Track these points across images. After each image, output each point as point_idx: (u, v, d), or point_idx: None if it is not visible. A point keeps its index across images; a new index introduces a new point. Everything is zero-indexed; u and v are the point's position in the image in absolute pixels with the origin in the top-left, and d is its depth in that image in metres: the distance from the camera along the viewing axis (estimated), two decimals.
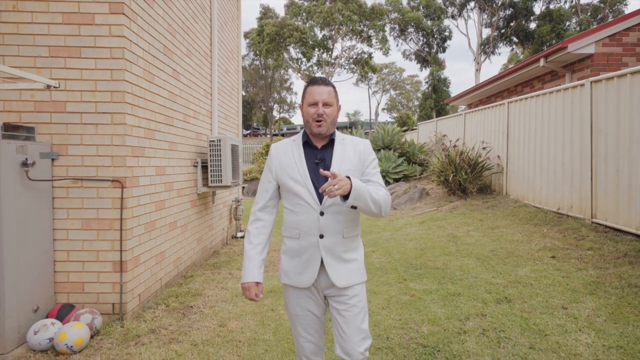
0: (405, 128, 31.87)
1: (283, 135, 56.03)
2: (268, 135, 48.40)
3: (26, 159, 2.99)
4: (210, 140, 5.17)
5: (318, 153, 1.90)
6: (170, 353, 2.90)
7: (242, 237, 7.16)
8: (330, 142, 1.91)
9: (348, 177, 1.67)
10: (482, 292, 3.72)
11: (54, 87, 2.87)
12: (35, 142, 3.11)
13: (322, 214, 1.82)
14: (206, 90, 5.66)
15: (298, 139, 1.94)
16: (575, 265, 4.12)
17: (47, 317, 3.15)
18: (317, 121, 1.82)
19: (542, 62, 7.99)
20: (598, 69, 7.29)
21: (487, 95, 12.00)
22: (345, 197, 1.66)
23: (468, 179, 8.10)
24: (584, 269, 3.99)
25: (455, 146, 8.71)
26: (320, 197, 1.82)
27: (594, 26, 30.24)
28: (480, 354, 2.67)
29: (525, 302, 3.40)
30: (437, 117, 33.99)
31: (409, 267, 4.75)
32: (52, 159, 3.28)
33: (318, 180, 1.84)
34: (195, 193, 5.17)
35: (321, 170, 1.67)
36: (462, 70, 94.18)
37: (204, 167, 5.37)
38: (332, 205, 1.82)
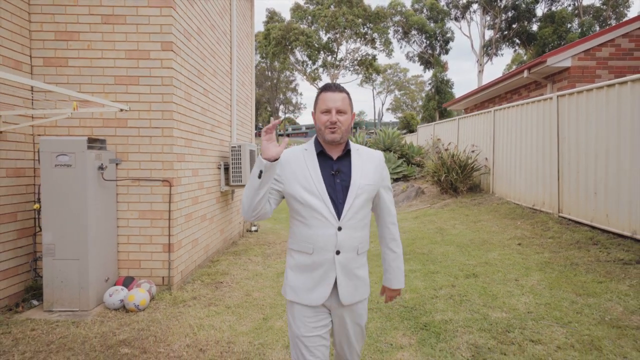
0: (405, 131, 32.63)
1: (288, 135, 56.97)
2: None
3: (102, 164, 3.92)
4: (232, 146, 6.10)
5: (334, 164, 1.80)
6: (211, 312, 3.82)
7: (256, 230, 8.08)
8: (347, 153, 1.83)
9: (393, 289, 1.96)
10: (456, 270, 4.61)
11: (125, 110, 3.79)
12: (106, 151, 4.04)
13: (340, 229, 1.74)
14: (227, 103, 6.58)
15: (311, 147, 1.84)
16: (535, 250, 5.01)
17: (114, 285, 4.08)
18: (331, 129, 1.74)
19: (525, 74, 8.85)
20: (574, 80, 8.13)
21: (481, 100, 12.85)
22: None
23: (459, 179, 8.97)
24: (541, 253, 4.88)
25: (447, 149, 9.59)
26: (339, 211, 1.75)
27: (595, 29, 30.70)
28: (446, 310, 3.57)
29: (487, 277, 4.30)
30: (440, 118, 34.78)
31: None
32: (117, 164, 4.21)
33: (335, 192, 1.76)
34: (219, 191, 6.09)
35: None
36: (466, 69, 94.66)
37: (226, 169, 6.30)
38: (351, 220, 1.76)
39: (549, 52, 8.32)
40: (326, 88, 1.80)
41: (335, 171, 1.79)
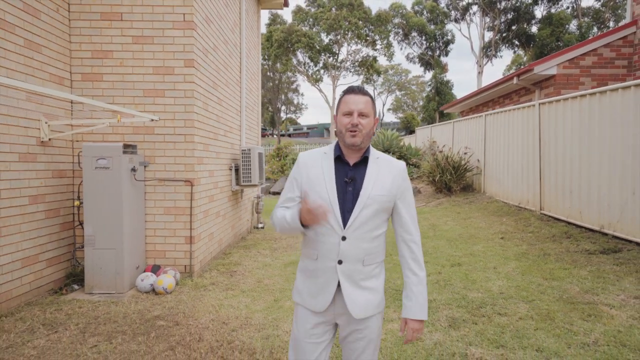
0: (404, 132, 33.17)
1: (290, 135, 57.55)
2: (275, 136, 49.91)
3: (134, 166, 4.52)
4: (242, 150, 6.70)
5: (349, 171, 1.76)
6: (229, 295, 4.41)
7: (262, 227, 8.68)
8: (364, 160, 1.78)
9: (415, 320, 1.75)
10: (443, 260, 5.20)
11: (155, 120, 4.39)
12: (137, 155, 4.64)
13: (344, 238, 1.71)
14: (237, 109, 7.18)
15: (330, 152, 1.81)
16: (515, 243, 5.60)
17: (144, 272, 4.67)
18: (352, 132, 1.70)
19: (515, 80, 9.43)
20: (560, 87, 8.71)
21: (476, 104, 13.43)
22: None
23: (452, 179, 9.56)
24: (520, 245, 5.47)
25: (441, 151, 10.18)
26: (345, 219, 1.71)
27: (594, 31, 31.09)
28: (431, 292, 4.15)
29: (470, 266, 4.89)
30: (440, 119, 35.36)
31: (395, 246, 6.25)
32: (145, 166, 4.81)
33: (345, 201, 1.73)
34: (230, 190, 6.69)
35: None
36: (468, 69, 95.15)
37: (236, 170, 6.89)
38: (357, 230, 1.72)
39: (537, 60, 8.89)
40: (350, 90, 1.77)
41: (349, 179, 1.75)
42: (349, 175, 1.75)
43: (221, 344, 3.20)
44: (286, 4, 9.61)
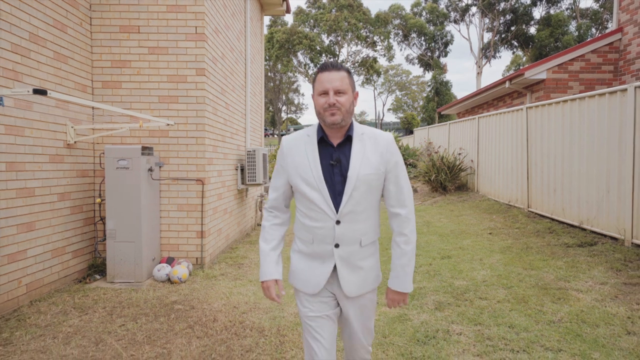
0: (402, 134, 33.59)
1: None
2: (275, 136, 50.34)
3: (150, 166, 4.95)
4: (248, 151, 7.13)
5: (334, 152, 1.72)
6: (237, 284, 4.84)
7: None
8: (348, 139, 1.73)
9: (394, 291, 1.80)
10: (434, 253, 5.63)
11: (170, 124, 4.82)
12: (153, 156, 5.07)
13: (338, 222, 1.70)
14: (242, 112, 7.60)
15: (313, 134, 1.76)
16: (502, 238, 6.02)
17: (159, 263, 5.10)
18: (330, 111, 1.65)
19: (507, 84, 9.85)
20: (549, 91, 9.13)
21: (471, 106, 13.85)
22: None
23: (447, 179, 9.99)
24: (505, 240, 5.90)
25: (436, 152, 10.61)
26: (337, 203, 1.69)
27: (593, 32, 31.38)
28: (422, 281, 4.58)
29: (459, 258, 5.31)
30: (439, 119, 35.78)
31: (390, 241, 6.68)
32: (160, 167, 5.24)
33: (334, 185, 1.70)
34: (236, 189, 7.11)
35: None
36: (468, 68, 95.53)
37: (241, 170, 7.32)
38: (350, 213, 1.70)
39: (534, 62, 9.31)
40: (323, 68, 1.69)
41: (335, 160, 1.71)
42: (334, 157, 1.72)
43: (233, 323, 3.63)
44: (288, 11, 10.03)
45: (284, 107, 55.03)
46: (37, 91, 2.88)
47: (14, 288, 3.91)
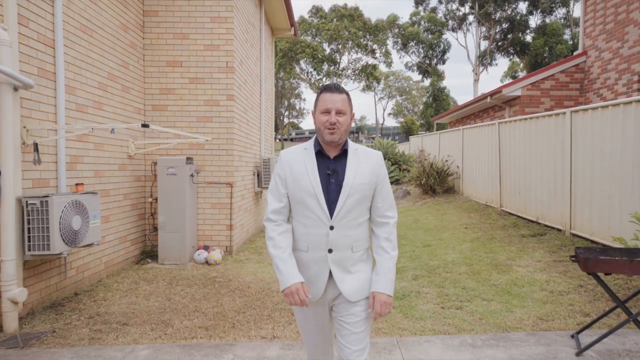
0: (397, 141, 34.92)
1: (292, 140, 59.40)
2: (278, 140, 51.66)
3: (192, 173, 6.26)
4: (263, 159, 8.46)
5: (330, 164, 1.88)
6: (261, 266, 6.14)
7: None
8: (344, 153, 1.89)
9: (382, 293, 1.84)
10: (418, 243, 6.94)
11: (208, 140, 6.14)
12: (193, 165, 6.39)
13: (332, 228, 1.82)
14: (257, 126, 8.93)
15: (310, 147, 1.91)
16: (474, 231, 7.33)
17: (198, 249, 6.41)
18: (330, 129, 1.81)
19: (489, 99, 11.18)
20: (524, 105, 10.45)
21: (460, 116, 15.18)
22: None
23: (436, 183, 11.30)
24: (477, 232, 7.21)
25: (426, 159, 11.94)
26: (331, 210, 1.82)
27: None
28: (405, 262, 5.87)
29: (437, 246, 6.61)
30: (437, 126, 37.08)
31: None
32: (198, 173, 6.56)
33: (329, 193, 1.84)
34: (253, 191, 8.43)
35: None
36: (466, 72, 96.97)
37: (257, 175, 8.64)
38: (343, 219, 1.83)
39: (505, 84, 10.63)
40: (326, 89, 1.86)
41: (332, 170, 1.85)
42: (331, 168, 1.87)
43: (263, 289, 4.93)
44: (295, 34, 11.38)
45: (286, 112, 56.37)
46: (143, 125, 4.20)
47: (98, 265, 5.23)
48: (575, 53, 10.43)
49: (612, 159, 5.16)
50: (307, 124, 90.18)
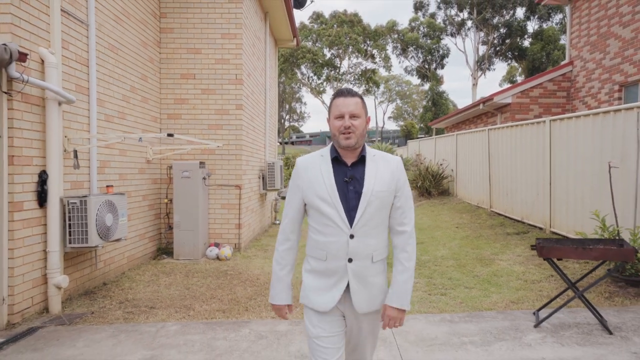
0: (395, 144, 35.54)
1: (292, 143, 60.01)
2: (279, 143, 52.28)
3: (204, 176, 6.84)
4: (268, 163, 9.05)
5: (348, 171, 1.83)
6: (267, 261, 6.70)
7: (279, 223, 11.00)
8: (361, 159, 1.85)
9: (396, 308, 1.81)
10: None
11: (219, 146, 6.72)
12: (205, 168, 6.97)
13: (352, 236, 1.77)
14: (262, 132, 9.52)
15: (326, 154, 1.88)
16: (463, 229, 7.91)
17: (209, 246, 6.98)
18: (345, 134, 1.77)
19: (481, 106, 11.76)
20: (514, 113, 11.04)
21: (457, 122, 15.77)
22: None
23: (431, 185, 11.88)
24: (467, 231, 7.78)
25: (422, 163, 12.52)
26: (351, 218, 1.78)
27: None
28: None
29: (429, 243, 7.18)
30: (436, 130, 37.73)
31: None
32: (209, 176, 7.14)
33: (347, 200, 1.79)
34: (259, 193, 9.01)
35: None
36: (466, 76, 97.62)
37: (262, 178, 9.22)
38: (363, 227, 1.79)
39: (497, 91, 11.22)
40: (339, 93, 1.83)
41: (349, 177, 1.81)
42: (348, 175, 1.82)
43: (270, 280, 5.50)
44: (297, 44, 11.99)
45: (287, 116, 57.00)
46: (169, 134, 4.79)
47: (121, 259, 5.81)
48: (562, 63, 11.03)
49: (585, 164, 5.75)
50: (308, 127, 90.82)
